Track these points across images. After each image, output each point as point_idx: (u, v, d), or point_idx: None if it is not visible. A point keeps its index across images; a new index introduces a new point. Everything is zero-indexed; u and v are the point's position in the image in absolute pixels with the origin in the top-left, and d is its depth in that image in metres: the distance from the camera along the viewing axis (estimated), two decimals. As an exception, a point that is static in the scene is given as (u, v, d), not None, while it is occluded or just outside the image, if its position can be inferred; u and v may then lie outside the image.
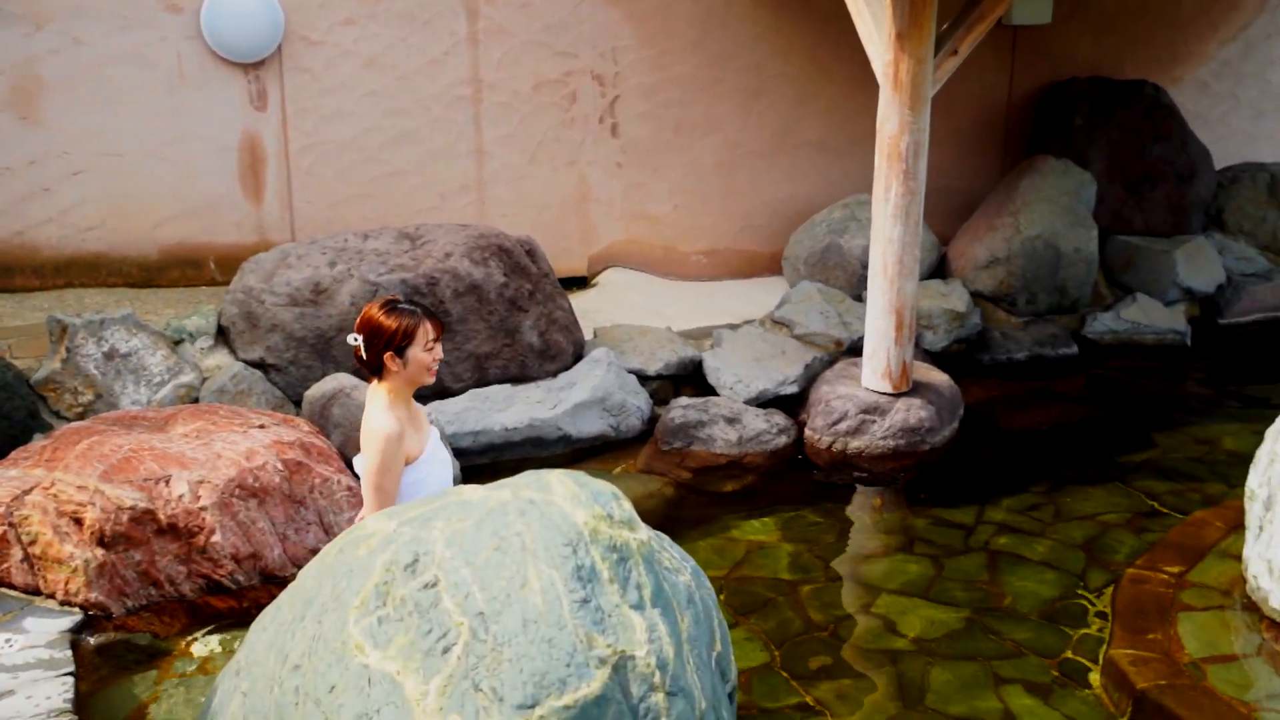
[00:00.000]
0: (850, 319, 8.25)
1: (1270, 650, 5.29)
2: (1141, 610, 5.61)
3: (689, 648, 2.96)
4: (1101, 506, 6.78)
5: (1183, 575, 5.88)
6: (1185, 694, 4.98)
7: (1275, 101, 11.39)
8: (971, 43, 7.05)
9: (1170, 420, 7.93)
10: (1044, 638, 5.59)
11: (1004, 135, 10.30)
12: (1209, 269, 9.68)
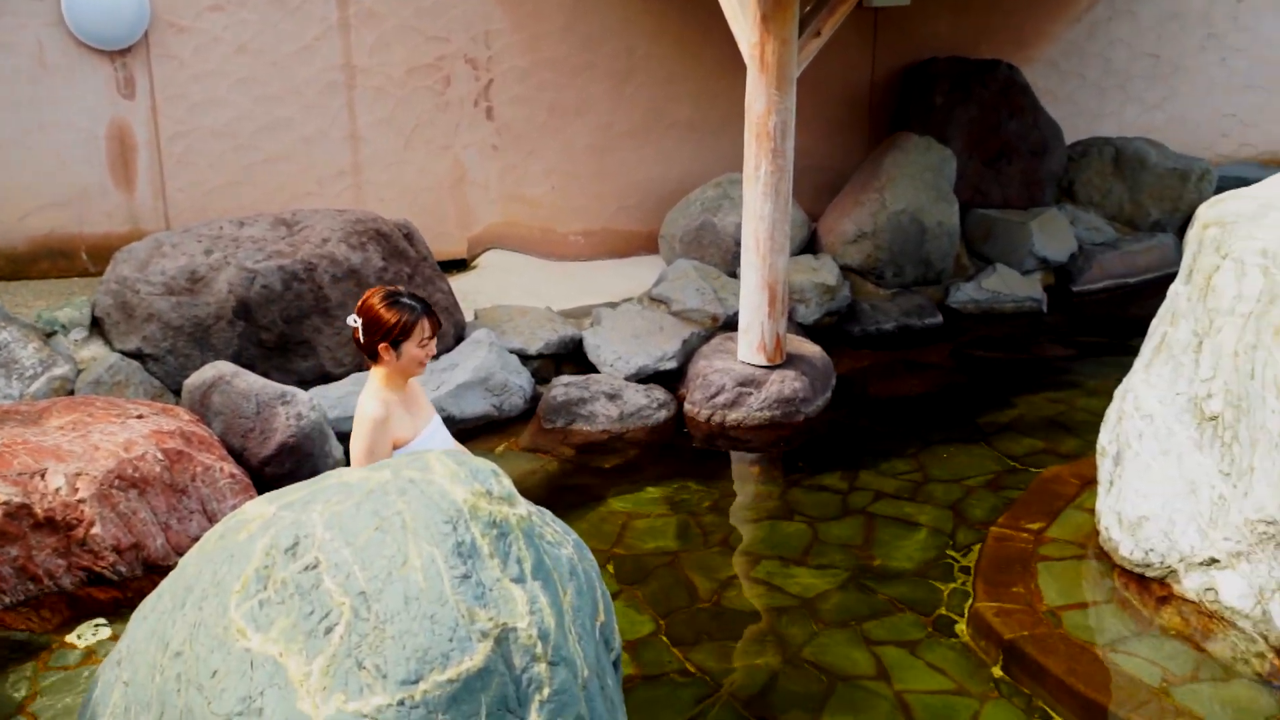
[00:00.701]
0: (725, 295, 8.26)
1: (1120, 597, 5.43)
2: (1005, 565, 5.71)
3: (572, 618, 2.91)
4: (967, 468, 6.87)
5: (1042, 530, 5.99)
6: (1044, 641, 5.10)
7: (1117, 80, 11.64)
8: (834, 24, 7.07)
9: (1029, 384, 8.06)
10: (916, 594, 5.66)
11: (868, 114, 10.39)
12: (1062, 239, 9.87)
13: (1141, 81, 11.80)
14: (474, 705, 2.53)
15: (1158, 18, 11.66)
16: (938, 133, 9.91)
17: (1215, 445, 5.15)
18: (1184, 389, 5.35)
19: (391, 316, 4.05)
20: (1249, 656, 4.94)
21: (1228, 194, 5.61)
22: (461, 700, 2.52)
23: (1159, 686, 4.85)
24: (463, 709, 2.52)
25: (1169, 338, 5.53)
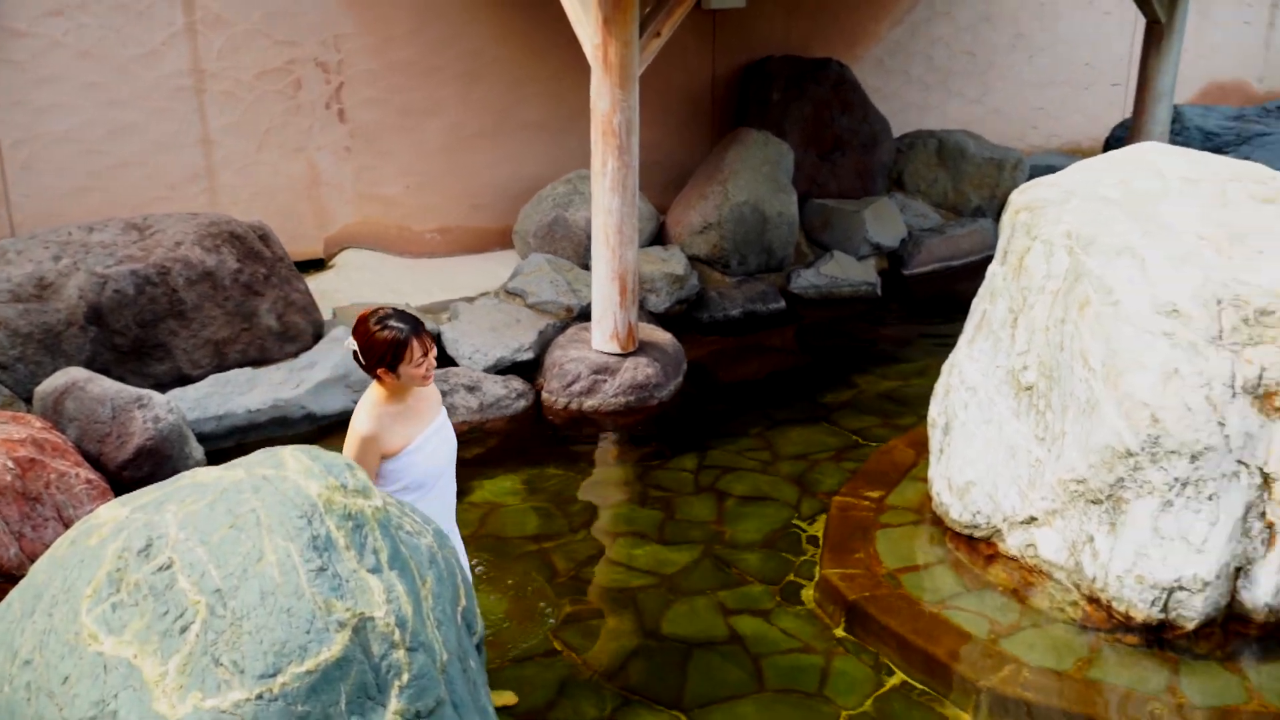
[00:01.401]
0: (579, 286, 8.23)
1: (953, 557, 5.57)
2: (847, 533, 5.80)
3: (432, 605, 2.87)
4: (811, 444, 6.95)
5: (881, 499, 6.10)
6: (885, 601, 5.21)
7: (939, 76, 11.89)
8: (672, 25, 7.08)
9: (867, 363, 8.19)
10: (766, 565, 5.72)
11: (710, 111, 10.44)
12: (893, 226, 10.05)
13: (960, 78, 12.07)
14: (333, 694, 2.48)
15: (972, 19, 11.93)
16: (775, 128, 10.01)
17: (1031, 413, 5.29)
18: (1002, 362, 5.47)
19: (384, 338, 3.99)
20: (1065, 605, 5.10)
21: (1036, 181, 5.75)
22: (321, 690, 2.46)
23: (987, 637, 4.98)
24: (322, 699, 2.46)
25: (988, 315, 5.66)
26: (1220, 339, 4.78)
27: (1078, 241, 5.19)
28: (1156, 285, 4.90)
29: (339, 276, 8.58)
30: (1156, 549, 4.76)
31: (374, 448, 4.03)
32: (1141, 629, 4.87)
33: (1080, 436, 4.94)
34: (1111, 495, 4.86)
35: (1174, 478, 4.72)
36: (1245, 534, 4.78)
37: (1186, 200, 5.34)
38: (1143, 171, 5.63)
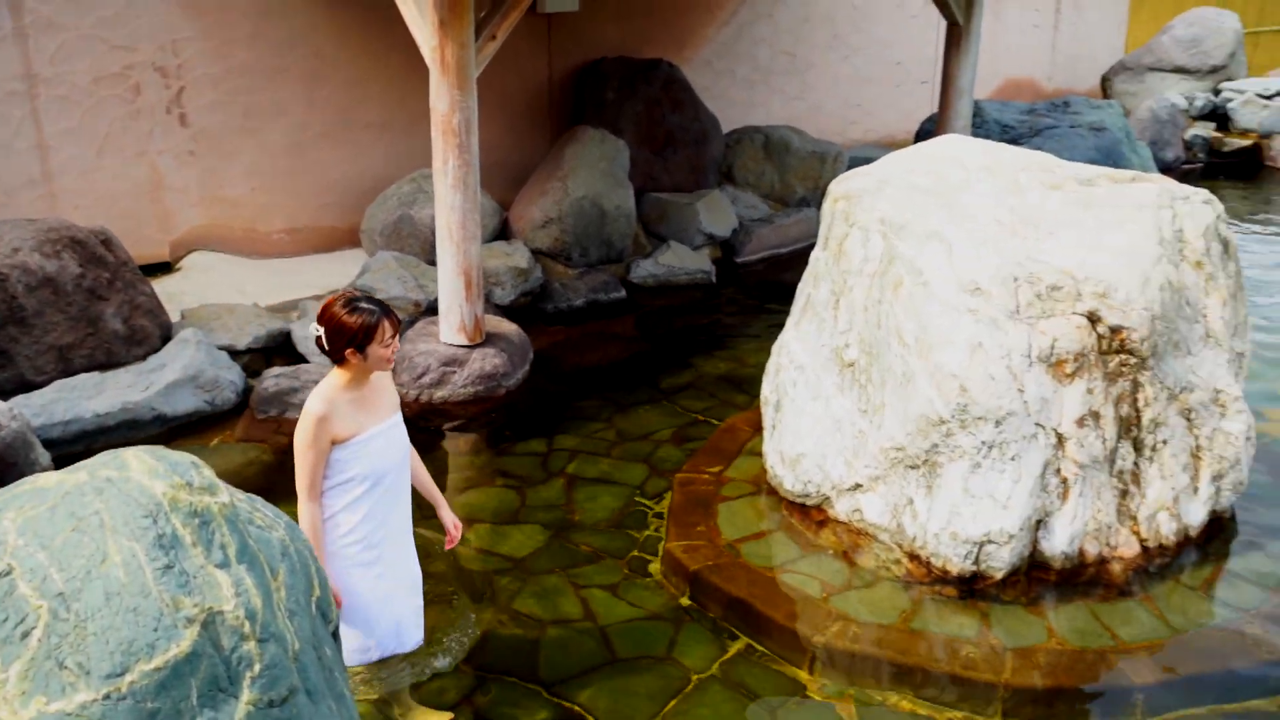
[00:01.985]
0: (426, 282, 8.14)
1: (787, 525, 5.66)
2: (690, 507, 5.85)
3: (284, 596, 2.80)
4: (654, 425, 6.99)
5: (720, 474, 6.17)
6: (726, 569, 5.27)
7: (763, 75, 12.05)
8: (507, 28, 7.03)
9: (704, 346, 8.27)
10: (614, 542, 5.74)
11: (548, 110, 10.41)
12: (725, 217, 10.16)
13: (782, 77, 12.25)
14: (183, 689, 2.40)
15: (792, 22, 12.12)
16: (611, 126, 10.03)
17: (854, 388, 5.41)
18: (827, 341, 5.58)
19: (354, 321, 3.91)
20: (889, 563, 5.23)
21: (853, 172, 5.87)
22: (170, 686, 2.38)
23: (820, 597, 5.08)
24: (172, 694, 2.39)
25: (812, 298, 5.76)
26: (1018, 314, 4.95)
27: (891, 227, 5.32)
28: (961, 266, 5.06)
29: (186, 279, 8.31)
30: (968, 507, 4.92)
31: (325, 429, 3.96)
32: (957, 581, 5.03)
33: (898, 408, 5.07)
34: (927, 460, 5.00)
35: (981, 441, 4.88)
36: (1044, 489, 4.97)
37: (986, 188, 5.52)
38: (947, 162, 5.79)
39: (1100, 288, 4.97)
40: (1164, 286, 5.06)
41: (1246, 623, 4.99)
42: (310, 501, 4.08)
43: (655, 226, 10.01)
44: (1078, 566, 5.11)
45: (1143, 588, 5.15)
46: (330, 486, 4.11)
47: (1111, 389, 5.04)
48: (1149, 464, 5.21)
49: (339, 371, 4.03)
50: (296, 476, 4.06)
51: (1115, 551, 5.15)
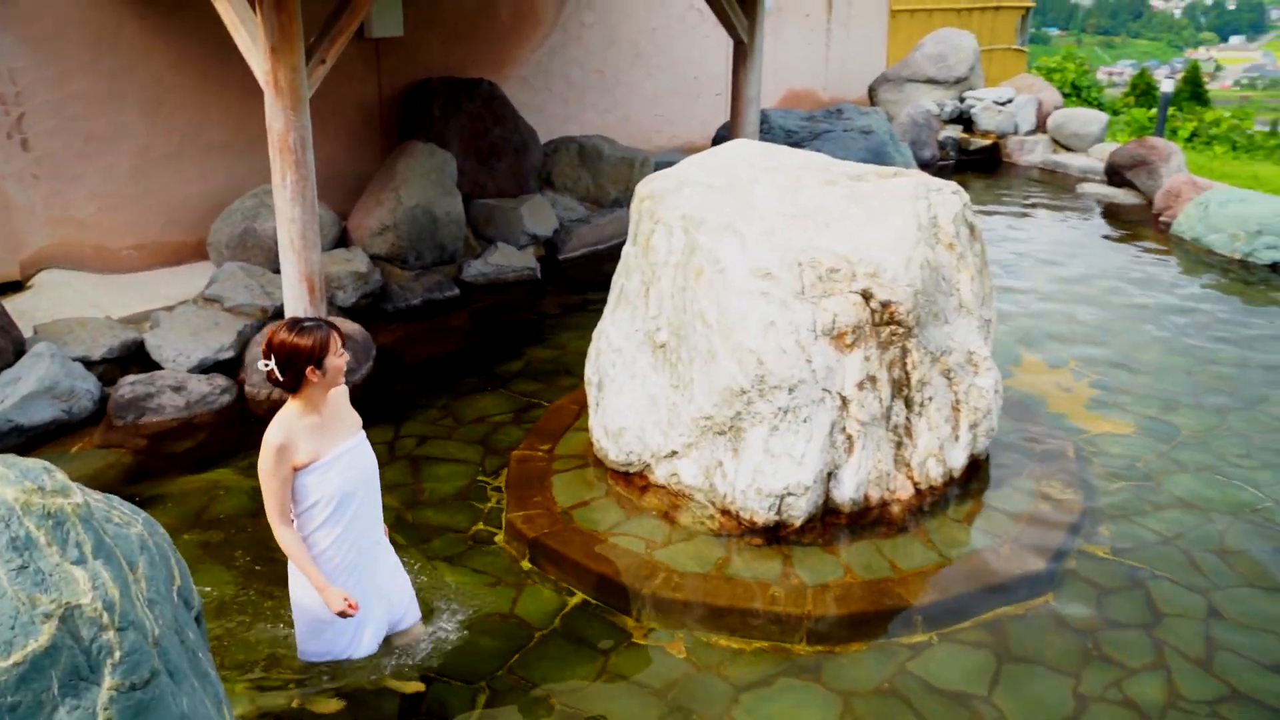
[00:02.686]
0: (272, 289, 7.87)
1: (613, 492, 5.69)
2: (526, 481, 5.82)
3: (144, 587, 2.70)
4: (491, 409, 6.94)
5: (551, 450, 6.16)
6: (561, 535, 5.26)
7: (576, 92, 12.04)
8: (336, 52, 6.83)
9: (533, 336, 8.24)
10: (458, 517, 5.67)
11: (380, 127, 10.18)
12: (546, 218, 10.13)
13: (593, 92, 12.26)
14: (44, 681, 2.28)
15: (599, 43, 12.13)
16: (439, 140, 9.88)
17: (666, 367, 5.45)
18: (640, 326, 5.62)
19: (308, 340, 3.74)
20: (704, 519, 5.30)
21: (656, 174, 5.92)
22: (31, 679, 2.26)
23: (645, 553, 5.11)
24: (33, 686, 2.27)
25: (625, 288, 5.78)
26: (803, 294, 5.07)
27: (691, 222, 5.37)
28: (753, 255, 5.15)
29: (37, 296, 7.82)
30: (769, 465, 5.02)
31: (286, 456, 3.80)
32: (763, 530, 5.13)
33: (705, 382, 5.14)
34: (733, 427, 5.09)
35: (778, 407, 4.98)
36: (832, 446, 5.11)
37: (772, 185, 5.63)
38: (738, 163, 5.89)
39: (871, 269, 5.13)
40: (924, 265, 5.25)
41: (1000, 546, 5.24)
42: (284, 526, 3.91)
43: (483, 229, 9.91)
44: (864, 510, 5.27)
45: (918, 524, 5.35)
46: (301, 511, 3.95)
47: (884, 356, 5.22)
48: (918, 418, 5.41)
49: (294, 401, 3.87)
50: (265, 505, 3.90)
51: (894, 495, 5.34)
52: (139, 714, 2.42)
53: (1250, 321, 8.49)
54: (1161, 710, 4.34)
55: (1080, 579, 5.14)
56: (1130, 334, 8.18)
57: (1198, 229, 10.44)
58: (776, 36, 14.28)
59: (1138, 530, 5.55)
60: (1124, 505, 5.77)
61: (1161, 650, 4.68)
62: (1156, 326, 8.35)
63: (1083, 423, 6.69)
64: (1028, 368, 7.49)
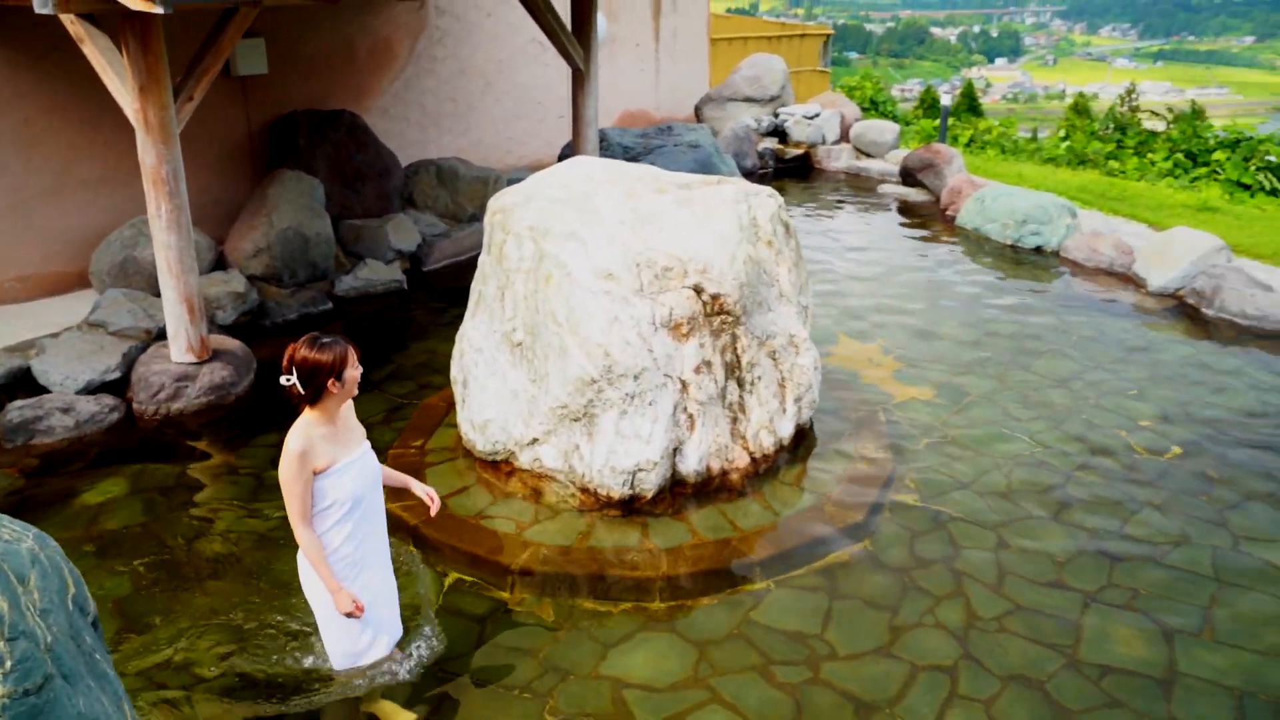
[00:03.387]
0: (154, 312, 7.53)
1: (483, 479, 5.65)
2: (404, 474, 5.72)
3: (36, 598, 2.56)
4: (367, 411, 6.76)
5: (424, 444, 6.07)
6: (438, 522, 5.18)
7: (432, 119, 11.85)
8: (202, 90, 6.59)
9: (403, 341, 8.08)
10: (341, 511, 5.53)
11: (250, 157, 9.84)
12: (410, 234, 9.94)
13: (448, 119, 12.09)
14: (-62, 692, 2.14)
15: (451, 74, 11.96)
16: (306, 167, 9.60)
17: (524, 363, 5.43)
18: (498, 327, 5.57)
19: (328, 356, 3.65)
20: (566, 498, 5.30)
21: (506, 190, 5.88)
22: (-75, 691, 2.12)
23: (515, 533, 5.09)
24: (-74, 699, 2.13)
25: (483, 294, 5.73)
26: (642, 291, 5.11)
27: (538, 232, 5.36)
28: (595, 258, 5.16)
29: (-77, 329, 7.36)
30: (621, 446, 5.05)
31: (306, 462, 3.67)
32: (619, 504, 5.16)
33: (559, 374, 5.14)
34: (586, 413, 5.10)
35: (625, 394, 5.01)
36: (676, 425, 5.17)
37: (610, 196, 5.65)
38: (579, 178, 5.89)
39: (701, 266, 5.20)
40: (746, 261, 5.35)
41: (825, 503, 5.40)
42: (305, 528, 3.76)
43: (352, 247, 9.67)
44: (707, 480, 5.35)
45: (754, 489, 5.46)
46: (316, 512, 3.79)
47: (717, 342, 5.30)
48: (750, 395, 5.51)
49: (311, 412, 3.73)
50: (288, 508, 3.75)
51: (733, 464, 5.43)
52: (35, 717, 2.29)
53: (1021, 296, 8.93)
54: (964, 629, 4.55)
55: (894, 525, 5.33)
56: (927, 312, 8.50)
57: (976, 220, 10.92)
58: (611, 64, 14.33)
59: (938, 479, 5.79)
60: (927, 459, 6.01)
61: (961, 579, 4.90)
62: (948, 304, 8.69)
63: (890, 391, 6.93)
64: (843, 346, 7.70)
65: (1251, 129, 17.82)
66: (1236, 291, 8.38)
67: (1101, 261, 9.70)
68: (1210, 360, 7.50)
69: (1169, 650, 4.43)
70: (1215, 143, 16.55)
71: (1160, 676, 4.28)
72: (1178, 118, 20.43)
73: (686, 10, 15.38)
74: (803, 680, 4.23)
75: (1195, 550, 5.14)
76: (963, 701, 4.12)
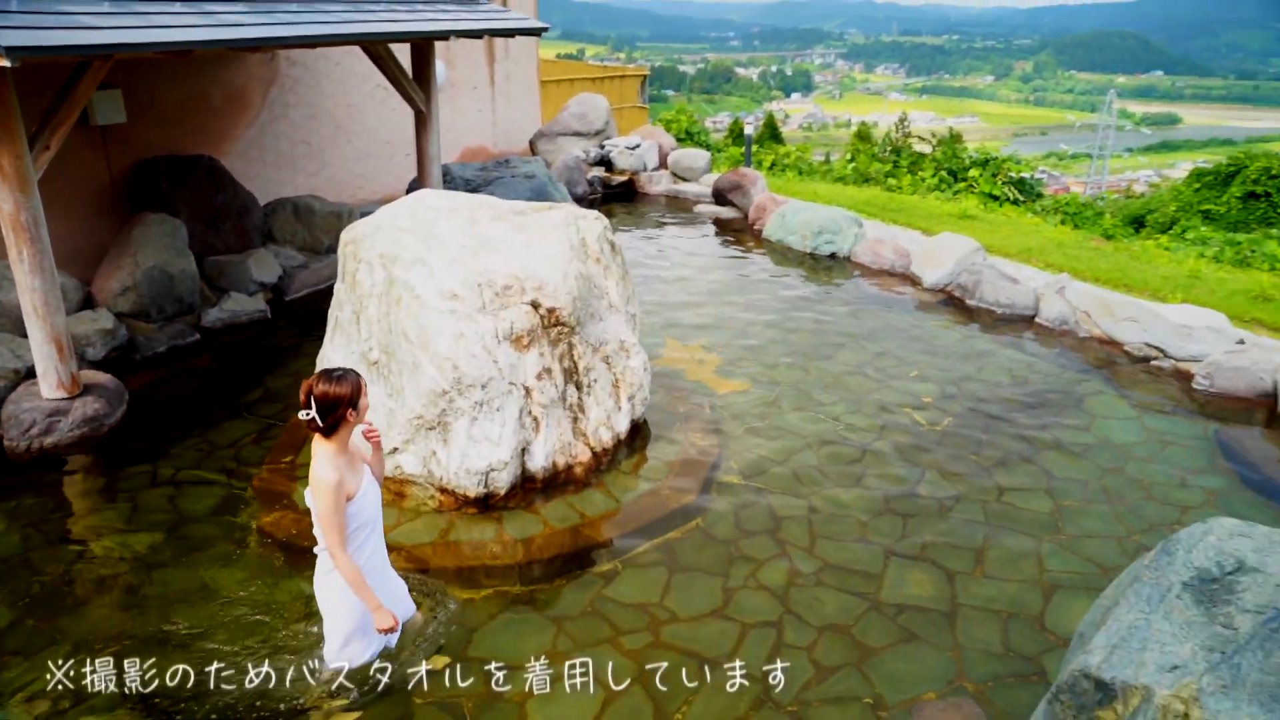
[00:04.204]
0: (22, 352, 6.95)
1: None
2: (273, 491, 5.49)
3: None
4: (238, 433, 6.47)
5: (293, 461, 5.83)
6: (306, 532, 4.98)
7: (287, 160, 11.41)
8: (60, 140, 6.14)
9: (270, 367, 7.74)
10: (219, 529, 5.25)
11: (113, 201, 9.22)
12: (271, 268, 9.53)
13: (302, 159, 11.65)
14: None
15: (304, 118, 11.55)
16: (169, 209, 9.07)
17: (382, 380, 5.29)
18: (355, 348, 5.41)
19: (345, 389, 3.56)
20: (426, 500, 5.19)
21: (357, 222, 5.71)
22: None
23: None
24: None
25: (340, 319, 5.56)
26: (485, 308, 5.05)
27: (387, 259, 5.23)
28: (441, 281, 5.08)
29: None
30: (474, 449, 4.98)
31: (343, 491, 3.58)
32: (476, 502, 5.09)
33: (413, 388, 5.03)
34: (440, 422, 5.00)
35: (475, 402, 4.94)
36: (523, 427, 5.13)
37: (452, 223, 5.56)
38: (423, 208, 5.78)
39: (537, 283, 5.18)
40: (578, 277, 5.36)
41: (661, 488, 5.45)
42: (344, 554, 3.62)
43: (217, 282, 9.20)
44: (554, 474, 5.33)
45: (598, 479, 5.47)
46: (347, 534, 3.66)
47: (555, 351, 5.29)
48: (588, 396, 5.52)
49: (328, 444, 3.57)
50: (328, 539, 3.59)
51: (576, 459, 5.43)
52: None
53: (821, 296, 9.25)
54: (785, 588, 4.67)
55: (721, 502, 5.43)
56: (742, 314, 8.70)
57: (780, 232, 11.26)
58: (452, 105, 14.12)
59: (759, 460, 5.93)
60: (747, 443, 6.14)
61: (783, 545, 5.03)
62: (759, 307, 8.92)
63: (714, 385, 7.05)
64: (670, 348, 7.80)
65: (997, 151, 19.02)
66: (991, 284, 8.92)
67: (884, 264, 10.15)
68: (974, 343, 7.95)
69: (951, 587, 4.67)
70: (970, 162, 17.59)
71: (945, 610, 4.50)
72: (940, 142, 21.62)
73: (518, 57, 15.32)
74: (646, 645, 4.26)
75: (969, 503, 5.44)
76: (788, 650, 4.23)
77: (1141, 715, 2.77)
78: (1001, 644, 4.29)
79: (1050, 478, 5.71)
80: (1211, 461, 5.92)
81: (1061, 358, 7.64)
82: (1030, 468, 5.84)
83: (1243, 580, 2.97)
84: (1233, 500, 5.46)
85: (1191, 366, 7.33)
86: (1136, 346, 7.70)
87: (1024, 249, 10.88)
